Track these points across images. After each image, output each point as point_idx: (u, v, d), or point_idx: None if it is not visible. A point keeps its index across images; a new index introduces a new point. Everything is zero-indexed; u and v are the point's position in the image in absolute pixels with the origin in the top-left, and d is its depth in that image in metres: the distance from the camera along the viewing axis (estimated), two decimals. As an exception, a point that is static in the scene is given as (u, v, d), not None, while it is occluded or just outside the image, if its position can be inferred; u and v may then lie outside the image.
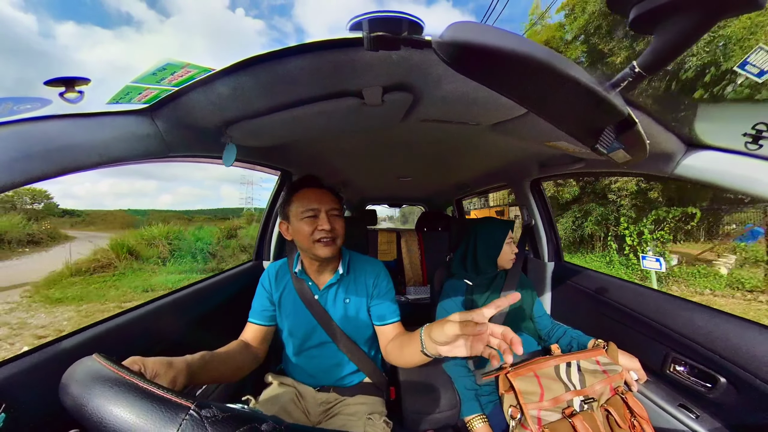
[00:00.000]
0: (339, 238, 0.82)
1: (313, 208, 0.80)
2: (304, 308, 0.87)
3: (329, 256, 0.80)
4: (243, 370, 0.75)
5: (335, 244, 0.81)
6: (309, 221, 0.79)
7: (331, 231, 0.79)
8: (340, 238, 0.83)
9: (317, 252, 0.80)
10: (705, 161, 0.65)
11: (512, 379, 0.79)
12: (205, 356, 0.63)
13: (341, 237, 0.83)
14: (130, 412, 0.26)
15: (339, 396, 0.88)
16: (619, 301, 1.06)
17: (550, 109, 0.42)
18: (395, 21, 0.38)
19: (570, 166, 1.11)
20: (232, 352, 0.75)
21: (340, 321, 0.88)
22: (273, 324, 0.89)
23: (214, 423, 0.26)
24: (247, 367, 0.77)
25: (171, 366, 0.51)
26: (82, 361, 0.31)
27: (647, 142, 0.45)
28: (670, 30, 0.29)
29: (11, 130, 0.41)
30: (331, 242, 0.80)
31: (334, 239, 0.81)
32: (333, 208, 0.82)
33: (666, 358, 0.87)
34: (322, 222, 0.79)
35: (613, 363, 0.86)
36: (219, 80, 0.52)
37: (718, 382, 0.74)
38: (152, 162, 0.67)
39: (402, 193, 2.76)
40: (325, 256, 0.80)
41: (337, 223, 0.82)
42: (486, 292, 1.10)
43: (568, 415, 0.73)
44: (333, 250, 0.81)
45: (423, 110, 0.71)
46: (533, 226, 1.49)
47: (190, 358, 0.58)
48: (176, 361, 0.53)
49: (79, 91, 0.43)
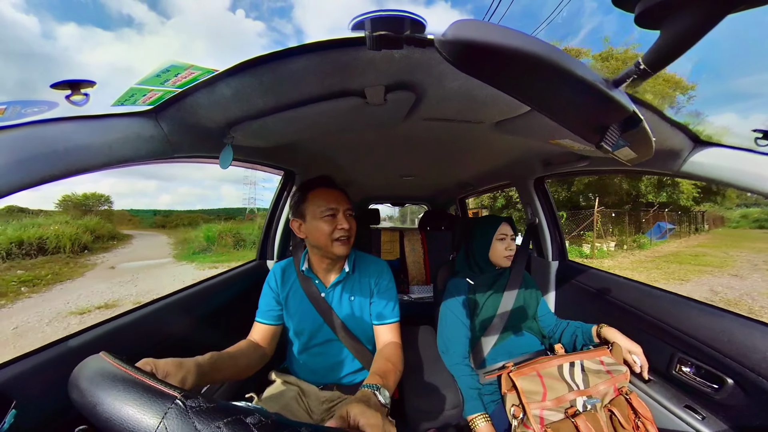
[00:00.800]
0: (353, 237, 0.86)
1: (332, 207, 0.83)
2: (310, 306, 0.89)
3: (345, 254, 0.85)
4: (251, 368, 0.77)
5: (350, 242, 0.86)
6: (329, 220, 0.82)
7: (348, 230, 0.83)
8: (353, 237, 0.87)
9: (335, 250, 0.83)
10: (713, 158, 0.64)
11: (515, 379, 0.79)
12: (214, 356, 0.65)
13: (353, 236, 0.87)
14: (128, 404, 0.27)
15: (342, 394, 0.89)
16: (624, 301, 1.05)
17: (555, 107, 0.42)
18: (397, 20, 0.38)
19: (574, 164, 1.10)
20: (241, 351, 0.77)
21: (345, 318, 0.89)
22: (280, 323, 0.90)
23: (199, 413, 0.26)
24: (255, 365, 0.79)
25: (181, 366, 0.53)
26: (89, 359, 0.32)
27: (653, 140, 0.44)
28: (677, 25, 0.28)
29: (20, 133, 0.41)
30: (347, 241, 0.84)
31: (349, 238, 0.85)
32: (348, 208, 0.86)
33: (672, 358, 0.86)
34: (341, 221, 0.82)
35: (617, 363, 0.85)
36: (222, 81, 0.52)
37: (726, 383, 0.73)
38: (157, 163, 0.68)
39: (405, 192, 2.76)
40: (342, 254, 0.84)
41: (353, 222, 0.86)
42: (488, 291, 1.10)
43: (571, 415, 0.73)
44: (348, 248, 0.85)
45: (426, 109, 0.71)
46: (537, 225, 1.48)
47: (201, 359, 0.59)
48: (186, 361, 0.55)
49: (85, 94, 0.44)
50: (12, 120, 0.40)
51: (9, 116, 0.39)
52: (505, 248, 1.09)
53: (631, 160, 0.49)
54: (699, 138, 0.64)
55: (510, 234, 1.11)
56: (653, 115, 0.57)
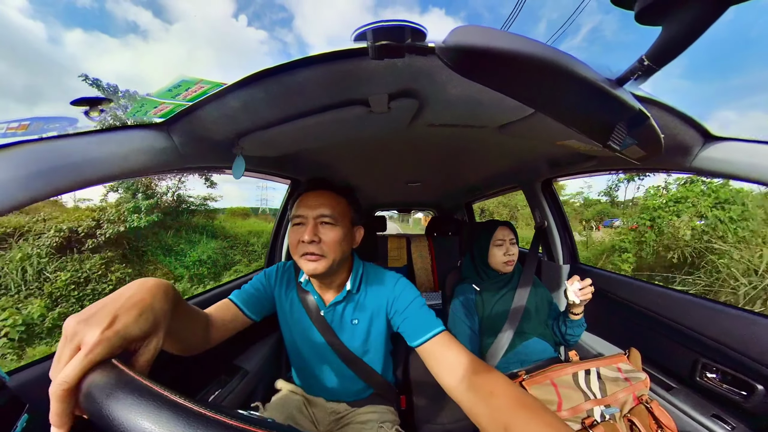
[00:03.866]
0: (331, 252, 0.66)
1: (299, 215, 0.68)
2: (310, 324, 0.79)
3: (314, 274, 0.67)
4: (189, 347, 0.56)
5: (323, 260, 0.66)
6: (295, 230, 0.68)
7: (312, 243, 0.65)
8: (334, 252, 0.67)
9: (302, 267, 0.68)
10: (725, 153, 0.62)
11: (528, 388, 0.77)
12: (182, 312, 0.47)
13: (334, 251, 0.67)
14: (155, 421, 0.25)
15: (349, 407, 0.87)
16: (640, 304, 1.01)
17: (559, 109, 0.42)
18: (398, 30, 0.39)
19: (582, 164, 1.08)
20: (198, 319, 0.58)
21: (347, 341, 0.79)
22: (251, 319, 0.74)
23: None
24: (191, 347, 0.57)
25: None
26: (100, 365, 0.32)
27: (662, 136, 0.44)
28: (678, 19, 0.28)
29: (42, 146, 0.44)
30: (316, 258, 0.66)
31: (321, 255, 0.66)
32: (323, 215, 0.67)
33: (695, 364, 0.82)
34: (304, 232, 0.65)
35: (636, 370, 0.82)
36: (231, 94, 0.54)
37: (756, 390, 0.69)
38: (169, 173, 0.70)
39: (411, 199, 2.76)
40: (309, 274, 0.68)
41: (328, 233, 0.66)
42: (496, 297, 1.08)
43: (589, 426, 0.70)
44: (319, 266, 0.66)
45: (429, 115, 0.72)
46: (546, 228, 1.45)
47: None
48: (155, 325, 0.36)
49: (102, 110, 0.46)
50: (35, 134, 0.42)
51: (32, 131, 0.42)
52: (503, 254, 1.05)
53: (639, 158, 0.48)
54: (709, 132, 0.63)
55: (509, 238, 1.08)
56: (661, 111, 0.56)
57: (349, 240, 0.73)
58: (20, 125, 0.42)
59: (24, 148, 0.43)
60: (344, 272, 0.77)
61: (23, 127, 0.42)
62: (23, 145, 0.43)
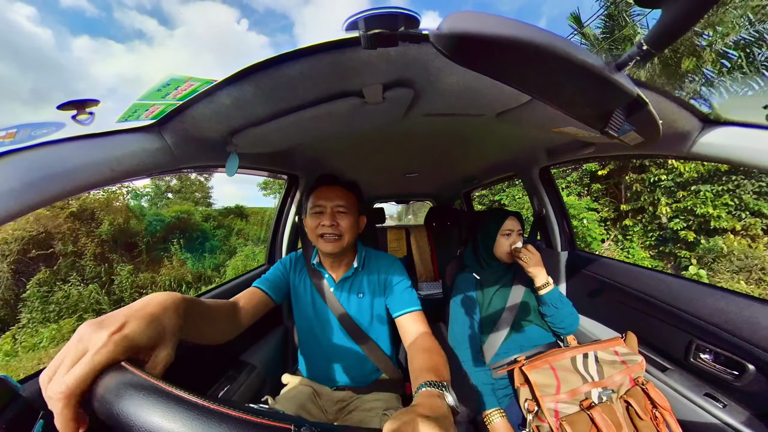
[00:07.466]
0: (346, 234, 0.83)
1: (319, 204, 0.83)
2: (321, 302, 0.90)
3: (332, 252, 0.83)
4: (221, 336, 0.62)
5: (340, 240, 0.82)
6: (315, 217, 0.83)
7: (332, 227, 0.81)
8: (348, 234, 0.83)
9: (321, 247, 0.84)
10: (724, 138, 0.62)
11: (527, 372, 0.79)
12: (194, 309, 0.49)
13: (349, 233, 0.83)
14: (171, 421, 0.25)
15: (354, 394, 0.89)
16: (636, 288, 1.03)
17: (556, 95, 0.41)
18: (391, 17, 0.37)
19: (580, 151, 1.08)
20: (220, 312, 0.63)
21: (355, 315, 0.89)
22: (275, 302, 0.84)
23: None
24: (223, 335, 0.63)
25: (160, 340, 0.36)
26: (111, 368, 0.32)
27: (660, 122, 0.43)
28: (678, 2, 0.27)
29: (32, 154, 0.43)
30: (335, 239, 0.82)
31: (339, 236, 0.82)
32: (339, 205, 0.83)
33: (689, 345, 0.84)
34: (324, 218, 0.81)
35: (632, 353, 0.84)
36: (221, 90, 0.53)
37: (747, 369, 0.71)
38: (163, 174, 0.69)
39: (409, 190, 2.75)
40: (328, 252, 0.83)
41: (344, 219, 0.83)
42: (496, 285, 1.09)
43: (587, 407, 0.72)
44: (336, 246, 0.82)
45: (425, 105, 0.70)
46: (544, 216, 1.46)
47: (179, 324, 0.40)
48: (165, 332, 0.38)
49: (90, 113, 0.45)
50: (23, 142, 0.41)
51: (20, 139, 0.41)
52: (510, 244, 1.05)
53: (637, 144, 0.48)
54: (708, 117, 0.62)
55: (517, 229, 1.08)
56: (659, 96, 0.56)
57: (357, 226, 0.87)
58: (7, 133, 0.40)
59: (13, 158, 0.41)
60: (351, 253, 0.92)
61: (10, 135, 0.40)
62: (12, 155, 0.41)
